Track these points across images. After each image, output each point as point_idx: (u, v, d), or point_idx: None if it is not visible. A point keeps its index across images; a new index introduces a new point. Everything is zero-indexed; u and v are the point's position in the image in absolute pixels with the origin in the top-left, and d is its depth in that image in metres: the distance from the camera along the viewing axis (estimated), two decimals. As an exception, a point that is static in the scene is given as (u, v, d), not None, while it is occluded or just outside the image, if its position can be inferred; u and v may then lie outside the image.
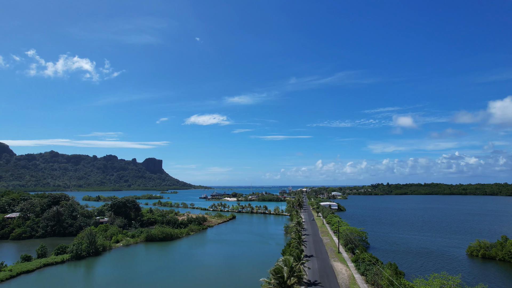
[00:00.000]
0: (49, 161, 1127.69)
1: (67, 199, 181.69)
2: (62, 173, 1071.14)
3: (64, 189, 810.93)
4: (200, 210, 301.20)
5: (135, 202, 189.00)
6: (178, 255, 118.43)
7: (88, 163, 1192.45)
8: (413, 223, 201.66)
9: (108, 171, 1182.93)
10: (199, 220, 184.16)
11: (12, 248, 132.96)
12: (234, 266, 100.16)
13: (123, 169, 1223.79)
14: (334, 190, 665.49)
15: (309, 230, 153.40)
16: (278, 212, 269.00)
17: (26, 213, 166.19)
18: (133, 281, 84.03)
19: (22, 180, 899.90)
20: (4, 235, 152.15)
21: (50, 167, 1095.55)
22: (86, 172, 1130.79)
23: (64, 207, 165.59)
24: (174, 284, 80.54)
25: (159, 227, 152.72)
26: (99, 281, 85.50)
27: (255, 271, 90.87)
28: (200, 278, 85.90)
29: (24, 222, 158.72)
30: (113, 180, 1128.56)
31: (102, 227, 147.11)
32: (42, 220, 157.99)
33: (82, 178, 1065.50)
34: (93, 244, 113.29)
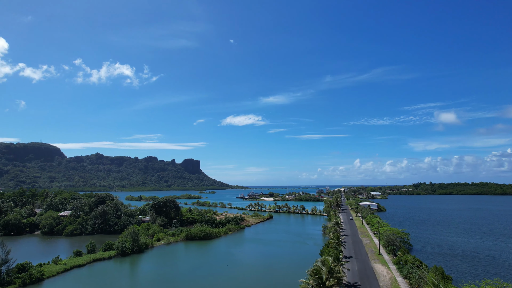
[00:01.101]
0: (95, 162, 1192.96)
1: (112, 199, 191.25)
2: (107, 174, 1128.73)
3: (108, 189, 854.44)
4: (238, 209, 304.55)
5: (175, 202, 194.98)
6: (217, 253, 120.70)
7: (130, 164, 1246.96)
8: (459, 225, 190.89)
9: (149, 172, 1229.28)
10: (236, 220, 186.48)
11: (65, 243, 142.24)
12: (272, 265, 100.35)
13: (163, 170, 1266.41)
14: (374, 190, 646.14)
15: (348, 231, 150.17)
16: (316, 212, 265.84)
17: (77, 211, 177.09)
18: (174, 278, 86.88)
19: (72, 180, 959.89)
20: (58, 231, 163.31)
21: (96, 168, 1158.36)
22: (129, 173, 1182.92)
23: (109, 206, 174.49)
24: (214, 282, 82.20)
25: (198, 226, 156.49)
26: (143, 277, 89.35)
27: (292, 271, 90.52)
28: (239, 277, 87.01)
29: (75, 220, 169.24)
30: (153, 181, 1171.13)
31: (144, 226, 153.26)
32: (90, 218, 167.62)
33: (125, 179, 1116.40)
34: (137, 242, 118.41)
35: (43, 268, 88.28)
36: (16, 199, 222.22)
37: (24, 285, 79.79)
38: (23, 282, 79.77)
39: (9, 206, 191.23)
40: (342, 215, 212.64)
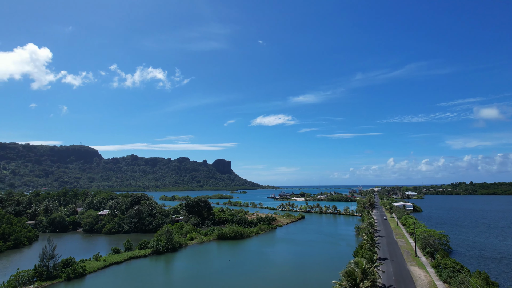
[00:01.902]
0: (130, 164, 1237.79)
1: (147, 199, 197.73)
2: (142, 175, 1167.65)
3: (143, 189, 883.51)
4: (269, 209, 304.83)
5: (207, 202, 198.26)
6: (249, 253, 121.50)
7: (163, 165, 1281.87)
8: (504, 227, 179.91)
9: (182, 173, 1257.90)
10: (268, 220, 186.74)
11: (104, 241, 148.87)
12: (304, 265, 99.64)
13: (195, 170, 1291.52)
14: (409, 190, 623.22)
15: (382, 232, 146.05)
16: (348, 213, 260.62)
17: (114, 211, 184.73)
18: (208, 276, 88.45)
19: (109, 181, 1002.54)
20: (98, 229, 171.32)
21: (131, 169, 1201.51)
22: (162, 174, 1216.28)
23: (144, 206, 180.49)
24: (247, 282, 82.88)
25: (230, 226, 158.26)
26: (178, 275, 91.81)
27: (325, 271, 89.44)
28: (271, 277, 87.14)
29: (113, 218, 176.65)
30: (186, 181, 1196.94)
31: (178, 225, 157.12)
32: (127, 217, 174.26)
33: (158, 179, 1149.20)
34: (171, 240, 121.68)
35: (85, 264, 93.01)
36: (60, 199, 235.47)
37: (69, 279, 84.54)
38: (68, 277, 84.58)
39: (54, 205, 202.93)
40: (375, 216, 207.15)
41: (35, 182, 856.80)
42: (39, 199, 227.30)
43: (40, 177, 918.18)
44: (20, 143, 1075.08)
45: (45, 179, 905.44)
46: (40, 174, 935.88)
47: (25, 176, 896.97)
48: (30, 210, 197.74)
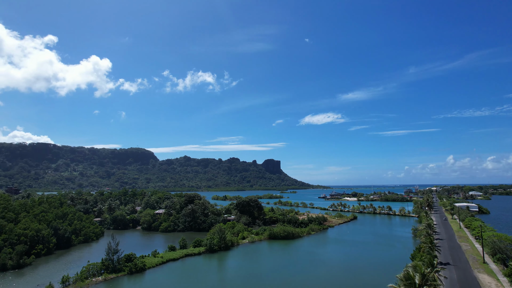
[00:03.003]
0: (183, 165, 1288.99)
1: (200, 199, 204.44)
2: (194, 175, 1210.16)
3: (196, 189, 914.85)
4: (320, 209, 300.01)
5: (258, 202, 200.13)
6: (301, 253, 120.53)
7: (214, 166, 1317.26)
8: None
9: (232, 173, 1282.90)
10: (319, 220, 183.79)
11: (161, 238, 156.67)
12: (357, 267, 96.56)
13: (245, 171, 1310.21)
14: (473, 190, 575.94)
15: (443, 234, 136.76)
16: (404, 213, 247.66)
17: (169, 210, 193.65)
18: (260, 275, 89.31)
19: (164, 181, 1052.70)
20: (155, 227, 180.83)
21: (185, 170, 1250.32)
22: (214, 174, 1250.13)
23: (198, 205, 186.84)
24: (300, 282, 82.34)
25: (281, 226, 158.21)
26: (231, 273, 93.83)
27: (380, 274, 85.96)
28: (323, 277, 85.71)
29: (168, 217, 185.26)
30: (236, 181, 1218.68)
31: (230, 224, 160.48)
32: (181, 216, 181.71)
33: (210, 179, 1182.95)
34: (223, 239, 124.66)
35: (144, 259, 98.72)
36: (121, 198, 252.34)
37: (131, 273, 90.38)
38: (130, 271, 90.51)
39: (116, 204, 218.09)
40: (434, 217, 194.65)
41: (99, 182, 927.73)
42: (103, 198, 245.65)
43: (103, 178, 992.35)
44: (86, 147, 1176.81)
45: (108, 180, 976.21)
46: (103, 175, 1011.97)
47: (91, 177, 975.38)
48: (96, 208, 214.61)
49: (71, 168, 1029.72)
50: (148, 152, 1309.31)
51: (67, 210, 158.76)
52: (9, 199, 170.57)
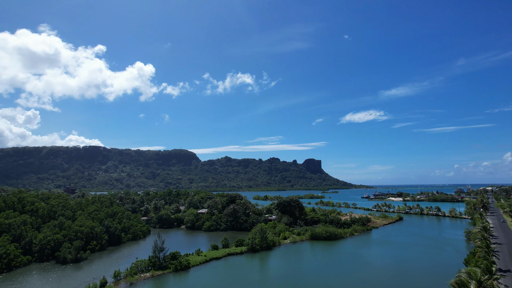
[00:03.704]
0: (224, 165, 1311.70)
1: (241, 199, 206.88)
2: (235, 176, 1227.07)
3: (237, 189, 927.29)
4: (363, 210, 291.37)
5: (299, 202, 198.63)
6: (344, 254, 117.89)
7: (255, 166, 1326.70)
8: None
9: (273, 173, 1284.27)
10: (362, 221, 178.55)
11: (204, 237, 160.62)
12: (405, 270, 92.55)
13: (285, 170, 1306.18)
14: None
15: (501, 239, 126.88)
16: (455, 215, 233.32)
17: (212, 209, 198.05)
18: (303, 276, 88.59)
19: (206, 181, 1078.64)
20: (198, 226, 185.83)
21: (226, 170, 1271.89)
22: (254, 174, 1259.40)
23: (239, 205, 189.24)
24: (343, 284, 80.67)
25: (323, 226, 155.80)
26: (273, 273, 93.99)
27: (429, 278, 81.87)
28: (368, 280, 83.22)
29: (211, 217, 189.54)
30: (277, 181, 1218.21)
31: (271, 224, 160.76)
32: (223, 216, 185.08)
33: (251, 180, 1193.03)
34: (265, 239, 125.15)
35: (189, 257, 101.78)
36: (165, 198, 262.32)
37: (176, 270, 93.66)
38: (175, 268, 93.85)
39: (161, 203, 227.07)
40: (491, 219, 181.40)
41: (145, 183, 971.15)
42: (149, 198, 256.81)
43: (149, 178, 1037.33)
44: (133, 149, 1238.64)
45: (153, 180, 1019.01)
46: (148, 176, 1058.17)
47: (137, 178, 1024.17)
48: (143, 207, 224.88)
49: (120, 169, 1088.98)
50: (190, 153, 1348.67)
51: (117, 209, 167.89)
52: (67, 198, 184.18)
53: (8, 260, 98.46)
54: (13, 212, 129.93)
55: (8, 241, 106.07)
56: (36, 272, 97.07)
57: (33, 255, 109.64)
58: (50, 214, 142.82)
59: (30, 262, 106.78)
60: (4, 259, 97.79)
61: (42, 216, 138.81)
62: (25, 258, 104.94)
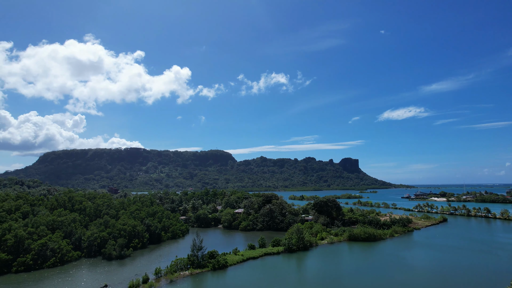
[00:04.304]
0: (260, 165, 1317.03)
1: (277, 198, 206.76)
2: (271, 175, 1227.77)
3: (273, 189, 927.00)
4: (403, 210, 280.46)
5: (336, 202, 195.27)
6: (384, 256, 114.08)
7: (290, 166, 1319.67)
8: None
9: (308, 172, 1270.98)
10: (403, 222, 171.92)
11: (240, 237, 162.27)
12: (451, 275, 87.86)
13: (321, 170, 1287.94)
14: None
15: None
16: (507, 217, 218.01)
17: (248, 209, 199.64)
18: (341, 277, 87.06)
19: (242, 181, 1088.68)
20: (234, 226, 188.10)
21: (261, 170, 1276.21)
22: (290, 174, 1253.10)
23: (275, 205, 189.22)
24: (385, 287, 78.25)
25: (361, 227, 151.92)
26: (310, 274, 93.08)
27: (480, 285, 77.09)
28: (411, 284, 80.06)
29: (247, 216, 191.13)
30: (313, 181, 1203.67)
31: (308, 225, 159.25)
32: (260, 216, 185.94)
33: (287, 179, 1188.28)
34: (302, 239, 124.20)
35: (226, 257, 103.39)
36: (203, 198, 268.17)
37: (214, 269, 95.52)
38: (213, 267, 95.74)
39: (199, 203, 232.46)
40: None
41: (183, 183, 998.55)
42: (187, 198, 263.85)
43: (187, 178, 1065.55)
44: (171, 150, 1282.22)
45: (191, 181, 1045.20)
46: (186, 176, 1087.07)
47: (176, 178, 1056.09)
48: (181, 207, 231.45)
49: (159, 170, 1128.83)
50: (226, 153, 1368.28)
51: (157, 209, 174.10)
52: (111, 198, 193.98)
53: (61, 255, 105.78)
54: (64, 210, 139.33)
55: (61, 237, 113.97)
56: (85, 266, 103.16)
57: (82, 251, 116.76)
58: (96, 212, 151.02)
59: (80, 257, 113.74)
60: (57, 253, 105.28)
61: (89, 214, 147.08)
62: (75, 254, 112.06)
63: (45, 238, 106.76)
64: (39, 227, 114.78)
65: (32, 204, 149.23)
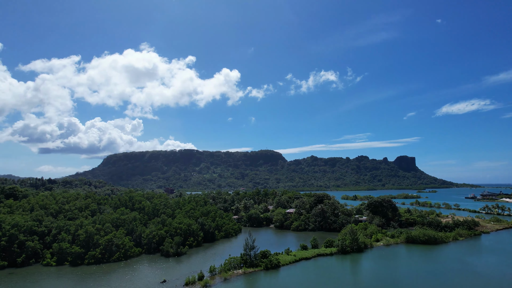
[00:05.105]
0: (310, 164, 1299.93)
1: (329, 198, 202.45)
2: (322, 175, 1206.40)
3: (325, 189, 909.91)
4: (468, 212, 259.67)
5: (391, 202, 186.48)
6: (447, 261, 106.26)
7: (342, 165, 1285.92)
8: None
9: (361, 171, 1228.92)
10: (468, 224, 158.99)
11: (292, 237, 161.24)
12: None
13: (375, 169, 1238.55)
14: None
15: None
16: None
17: (299, 209, 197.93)
18: (399, 282, 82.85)
19: (293, 181, 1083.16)
20: (286, 226, 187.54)
21: (312, 170, 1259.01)
22: (342, 173, 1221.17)
23: (327, 205, 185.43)
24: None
25: (420, 229, 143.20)
26: (366, 276, 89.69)
27: None
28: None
29: (299, 217, 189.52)
30: (366, 180, 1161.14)
31: (362, 225, 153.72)
32: (311, 216, 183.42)
33: (338, 179, 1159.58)
34: (356, 241, 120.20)
35: (278, 256, 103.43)
36: (254, 197, 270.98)
37: (267, 269, 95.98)
38: (266, 266, 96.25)
39: (250, 203, 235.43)
40: None
41: (235, 183, 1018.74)
42: (239, 197, 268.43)
43: (238, 178, 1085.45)
44: (222, 151, 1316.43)
45: (242, 181, 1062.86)
46: (238, 176, 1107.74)
47: (227, 178, 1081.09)
48: (234, 207, 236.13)
49: (211, 171, 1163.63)
50: (276, 153, 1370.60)
51: (210, 208, 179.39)
52: (167, 197, 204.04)
53: (124, 250, 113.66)
54: (125, 209, 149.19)
55: (124, 234, 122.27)
56: (146, 262, 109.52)
57: (142, 247, 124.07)
58: (154, 211, 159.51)
59: (141, 254, 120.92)
60: (121, 249, 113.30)
61: (148, 213, 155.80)
62: (136, 250, 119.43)
63: (111, 235, 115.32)
64: (105, 224, 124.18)
65: (98, 202, 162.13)
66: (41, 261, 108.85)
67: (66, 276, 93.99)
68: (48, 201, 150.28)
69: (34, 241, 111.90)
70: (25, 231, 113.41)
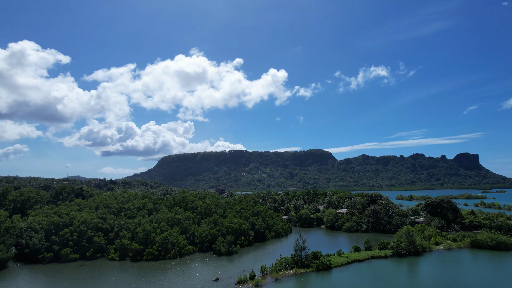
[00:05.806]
0: (362, 163, 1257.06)
1: (382, 199, 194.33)
2: (374, 174, 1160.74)
3: (377, 189, 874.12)
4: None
5: (451, 203, 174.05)
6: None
7: (396, 163, 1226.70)
8: None
9: (417, 170, 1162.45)
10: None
11: (344, 238, 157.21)
12: None
13: (432, 167, 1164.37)
14: None
15: None
16: None
17: (351, 209, 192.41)
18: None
19: (344, 181, 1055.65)
20: (337, 227, 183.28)
21: (364, 169, 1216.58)
22: (396, 172, 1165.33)
23: (381, 206, 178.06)
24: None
25: (487, 233, 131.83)
26: (425, 281, 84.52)
27: None
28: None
29: (351, 217, 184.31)
30: (423, 179, 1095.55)
31: (419, 227, 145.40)
32: (364, 216, 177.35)
33: (392, 178, 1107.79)
34: (413, 243, 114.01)
35: (330, 258, 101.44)
36: (304, 197, 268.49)
37: (318, 270, 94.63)
38: (317, 267, 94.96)
39: (300, 203, 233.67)
40: None
41: (284, 183, 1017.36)
42: (288, 197, 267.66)
43: (287, 178, 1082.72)
44: (271, 151, 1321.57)
45: (291, 180, 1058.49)
46: (287, 176, 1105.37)
47: (277, 178, 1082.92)
48: (283, 207, 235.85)
49: (260, 171, 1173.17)
50: (326, 152, 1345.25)
51: (260, 208, 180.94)
52: (218, 197, 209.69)
53: (179, 248, 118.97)
54: (179, 209, 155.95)
55: (178, 232, 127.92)
56: (199, 260, 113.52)
57: (195, 246, 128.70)
58: (206, 211, 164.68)
59: (194, 252, 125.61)
60: (176, 246, 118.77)
61: (200, 212, 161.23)
62: (190, 248, 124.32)
63: (166, 233, 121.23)
64: (161, 223, 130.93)
65: (154, 202, 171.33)
66: (106, 255, 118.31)
67: (128, 270, 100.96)
68: (110, 200, 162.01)
69: (100, 237, 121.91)
70: (92, 227, 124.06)
